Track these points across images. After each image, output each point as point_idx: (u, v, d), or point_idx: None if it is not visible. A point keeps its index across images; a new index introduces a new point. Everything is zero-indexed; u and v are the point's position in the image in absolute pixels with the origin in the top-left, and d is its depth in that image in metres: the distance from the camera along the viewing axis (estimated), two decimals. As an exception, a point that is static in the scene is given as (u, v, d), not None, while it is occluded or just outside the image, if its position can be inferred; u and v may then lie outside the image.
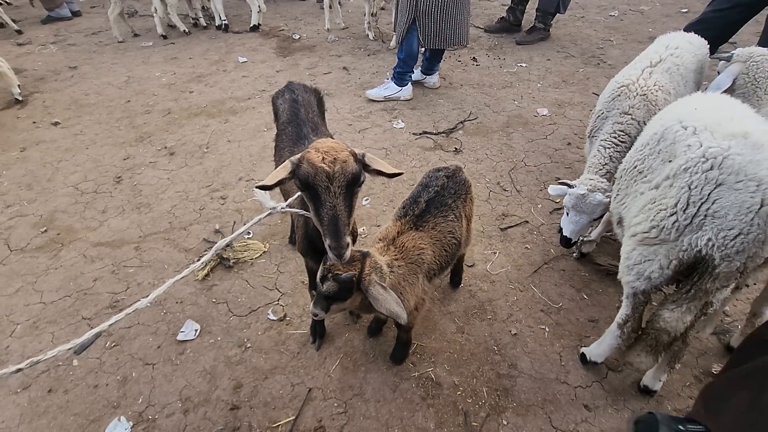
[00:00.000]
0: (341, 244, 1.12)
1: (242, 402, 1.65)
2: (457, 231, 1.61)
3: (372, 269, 1.29)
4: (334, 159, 1.11)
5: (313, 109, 1.85)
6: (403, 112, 3.63)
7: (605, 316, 1.94)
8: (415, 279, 1.47)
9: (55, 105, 3.77)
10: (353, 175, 1.13)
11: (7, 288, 2.11)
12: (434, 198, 1.57)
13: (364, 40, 5.14)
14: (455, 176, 1.66)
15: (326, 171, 1.09)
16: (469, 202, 1.72)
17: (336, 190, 1.11)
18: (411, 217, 1.54)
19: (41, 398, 1.68)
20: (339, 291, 1.23)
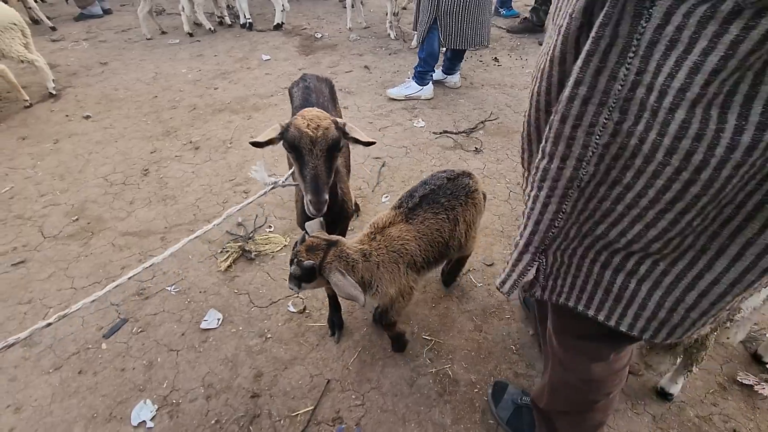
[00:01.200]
0: (320, 199, 1.28)
1: (262, 390, 1.69)
2: (446, 231, 1.61)
3: (335, 258, 1.36)
4: (317, 125, 1.28)
5: (324, 96, 1.94)
6: (424, 111, 3.64)
7: (626, 319, 1.91)
8: (395, 267, 1.52)
9: (87, 99, 3.91)
10: (333, 140, 1.30)
11: (41, 273, 2.20)
12: (428, 195, 1.61)
13: (385, 40, 5.17)
14: (457, 180, 1.67)
15: (310, 135, 1.26)
16: (471, 208, 1.68)
17: (317, 152, 1.28)
18: (404, 209, 1.59)
19: (72, 379, 1.75)
20: (302, 274, 1.33)
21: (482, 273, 2.15)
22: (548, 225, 0.82)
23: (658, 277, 0.77)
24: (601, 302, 0.86)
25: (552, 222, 0.81)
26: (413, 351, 1.81)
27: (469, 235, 1.73)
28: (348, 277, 1.34)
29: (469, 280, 2.12)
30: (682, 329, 0.81)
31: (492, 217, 2.50)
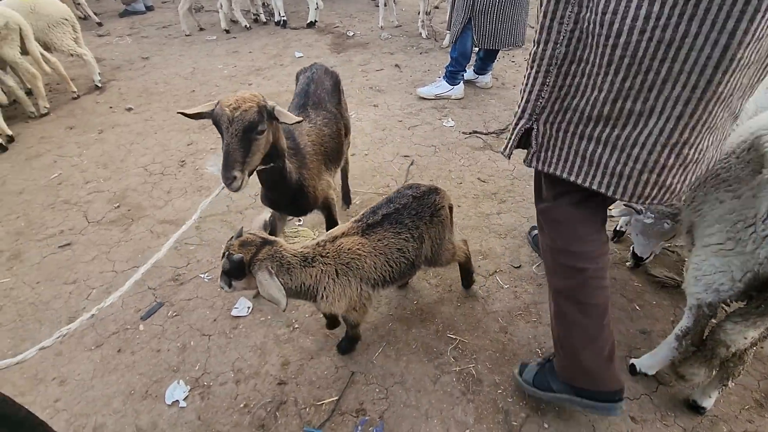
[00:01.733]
0: (228, 174, 1.35)
1: (289, 378, 1.74)
2: (410, 251, 1.59)
3: (267, 256, 1.37)
4: (237, 106, 1.34)
5: (323, 87, 2.01)
6: (454, 111, 3.63)
7: (658, 328, 1.87)
8: (345, 281, 1.49)
9: (129, 92, 4.08)
10: (250, 122, 1.35)
11: (85, 255, 2.33)
12: (391, 214, 1.58)
13: (416, 39, 5.17)
14: (424, 197, 1.64)
15: (228, 114, 1.33)
16: (437, 225, 1.66)
17: (233, 131, 1.34)
18: (362, 223, 1.57)
19: (111, 356, 1.84)
20: (231, 269, 1.34)
21: (509, 275, 2.14)
22: (537, 95, 1.17)
23: (614, 141, 1.09)
24: (579, 168, 1.17)
25: (540, 92, 1.16)
26: (437, 349, 1.82)
27: (441, 248, 1.70)
28: (275, 278, 1.34)
29: (495, 281, 2.11)
30: (633, 182, 1.11)
31: (521, 219, 2.47)
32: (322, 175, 1.89)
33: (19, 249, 2.39)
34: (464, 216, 2.51)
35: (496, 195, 2.67)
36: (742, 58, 0.90)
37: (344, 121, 2.16)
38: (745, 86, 1.02)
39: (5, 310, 2.05)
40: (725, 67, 0.91)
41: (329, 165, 1.98)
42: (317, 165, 1.85)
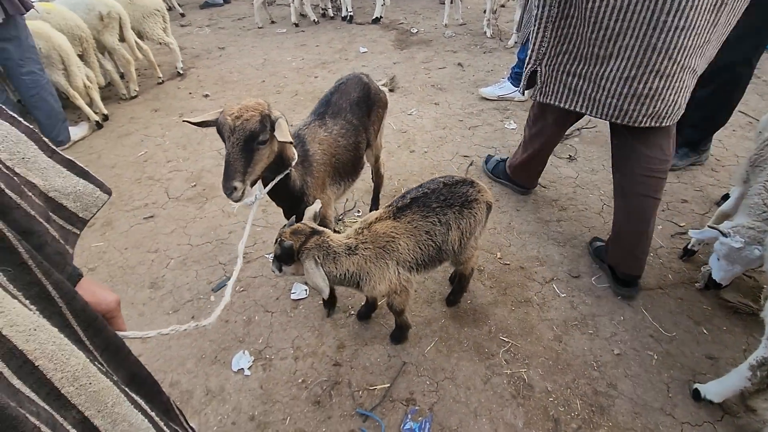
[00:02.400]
0: (227, 185, 1.35)
1: (344, 361, 1.83)
2: (437, 235, 1.61)
3: (315, 245, 1.43)
4: (239, 116, 1.34)
5: (347, 98, 1.98)
6: (517, 113, 3.57)
7: (727, 356, 1.77)
8: (384, 264, 1.55)
9: (206, 80, 4.38)
10: (252, 132, 1.34)
11: (165, 228, 2.56)
12: (419, 198, 1.61)
13: (481, 37, 5.11)
14: (455, 187, 1.64)
15: (229, 124, 1.33)
16: (467, 217, 1.64)
17: (234, 140, 1.34)
18: (393, 207, 1.61)
19: (186, 321, 2.03)
20: (282, 254, 1.41)
21: (567, 284, 2.11)
22: (539, 44, 1.74)
23: (590, 76, 1.66)
24: (568, 98, 1.79)
25: (542, 42, 1.73)
26: (489, 349, 1.84)
27: (464, 244, 1.69)
28: (320, 268, 1.42)
29: (552, 289, 2.09)
30: (602, 105, 1.67)
31: (582, 228, 2.41)
32: (326, 188, 1.86)
33: (110, 217, 2.67)
34: (523, 221, 2.49)
35: (557, 202, 2.62)
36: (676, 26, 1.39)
37: (368, 134, 2.07)
38: (692, 47, 1.46)
39: (98, 270, 2.30)
40: (660, 29, 1.41)
41: (338, 178, 1.93)
42: (323, 176, 1.81)
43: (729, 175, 2.74)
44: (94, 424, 0.59)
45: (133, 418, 0.65)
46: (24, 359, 0.51)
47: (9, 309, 0.52)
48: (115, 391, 0.63)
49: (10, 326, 0.50)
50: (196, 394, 1.73)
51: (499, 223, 2.47)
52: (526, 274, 2.17)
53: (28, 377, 0.52)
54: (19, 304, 0.54)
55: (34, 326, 0.53)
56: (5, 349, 0.50)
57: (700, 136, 2.75)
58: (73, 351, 0.58)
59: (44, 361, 0.54)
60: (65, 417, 0.56)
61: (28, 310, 0.54)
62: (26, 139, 0.70)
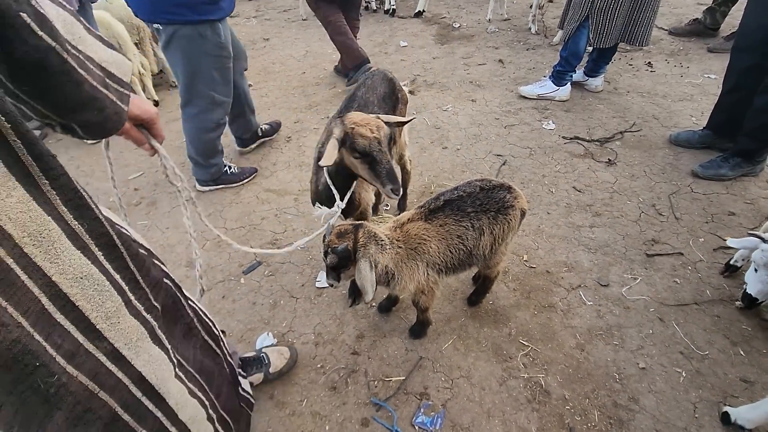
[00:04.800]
0: (399, 184, 1.50)
1: (362, 350, 1.88)
2: (469, 239, 1.59)
3: (367, 238, 1.46)
4: (377, 127, 1.48)
5: (374, 92, 2.00)
6: (556, 113, 3.46)
7: (765, 380, 1.67)
8: (414, 265, 1.56)
9: (250, 69, 4.51)
10: (390, 135, 1.53)
11: (204, 211, 2.68)
12: (453, 201, 1.60)
13: (524, 34, 4.97)
14: (492, 192, 1.61)
15: (377, 138, 1.47)
16: (502, 223, 1.61)
17: (385, 149, 1.48)
18: (425, 209, 1.61)
19: (217, 300, 2.14)
20: (340, 261, 1.43)
21: (594, 292, 2.05)
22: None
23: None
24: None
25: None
26: (507, 352, 1.83)
27: (495, 250, 1.67)
28: (373, 273, 1.45)
29: (578, 296, 2.04)
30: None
31: (616, 236, 2.33)
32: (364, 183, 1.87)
33: (155, 198, 2.84)
34: (553, 224, 2.43)
35: (591, 207, 2.54)
36: None
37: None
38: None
39: (141, 247, 2.46)
40: None
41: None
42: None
43: (785, 189, 2.55)
44: (122, 354, 0.78)
45: (152, 351, 0.85)
46: (66, 300, 0.68)
47: (65, 259, 0.68)
48: (141, 329, 0.82)
49: (60, 274, 0.67)
50: (221, 370, 1.83)
51: (528, 225, 2.42)
52: (552, 279, 2.12)
53: (69, 314, 0.69)
54: (78, 254, 0.70)
55: (81, 275, 0.70)
56: (52, 292, 0.66)
57: (756, 146, 2.57)
58: (111, 295, 0.75)
59: (83, 302, 0.71)
60: (98, 347, 0.73)
61: (84, 260, 0.71)
62: (74, 20, 0.82)
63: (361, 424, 1.62)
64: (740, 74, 2.61)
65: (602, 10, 3.09)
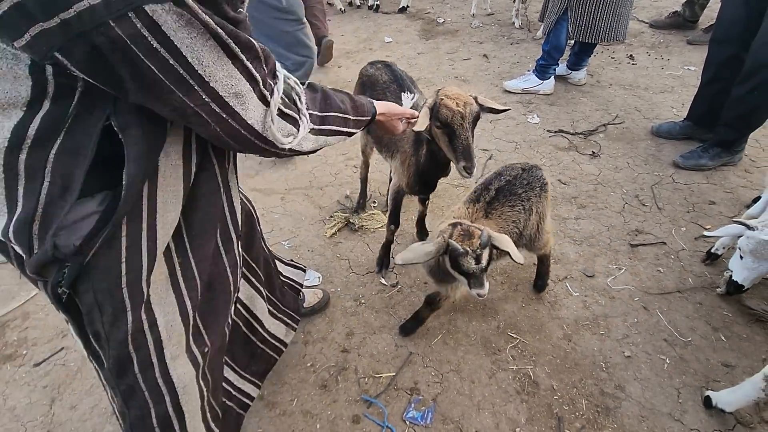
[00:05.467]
0: (474, 163, 1.48)
1: (352, 348, 1.87)
2: (521, 222, 1.63)
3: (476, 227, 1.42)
4: (465, 102, 1.47)
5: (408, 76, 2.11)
6: (540, 107, 3.49)
7: (745, 364, 1.72)
8: None
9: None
10: (476, 114, 1.51)
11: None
12: (504, 187, 1.64)
13: (508, 28, 4.99)
14: (531, 171, 1.71)
15: (461, 112, 1.46)
16: (544, 200, 1.72)
17: (467, 125, 1.47)
18: (483, 203, 1.62)
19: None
20: (490, 253, 1.38)
21: (580, 283, 2.08)
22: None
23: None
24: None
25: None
26: (496, 345, 1.85)
27: (540, 228, 1.72)
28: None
29: (564, 287, 2.06)
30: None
31: (600, 227, 2.36)
32: None
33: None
34: (539, 217, 2.45)
35: (576, 199, 2.57)
36: None
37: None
38: None
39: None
40: None
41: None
42: None
43: (763, 177, 2.61)
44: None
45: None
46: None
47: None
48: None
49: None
50: (210, 372, 1.81)
51: (514, 218, 2.44)
52: (538, 272, 2.15)
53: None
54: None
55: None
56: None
57: (734, 136, 2.63)
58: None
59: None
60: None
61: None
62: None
63: (352, 421, 1.62)
64: (719, 66, 2.66)
65: (580, 2, 3.11)
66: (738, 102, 2.50)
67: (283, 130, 0.84)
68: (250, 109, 0.75)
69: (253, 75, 0.73)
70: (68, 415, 1.68)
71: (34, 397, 1.74)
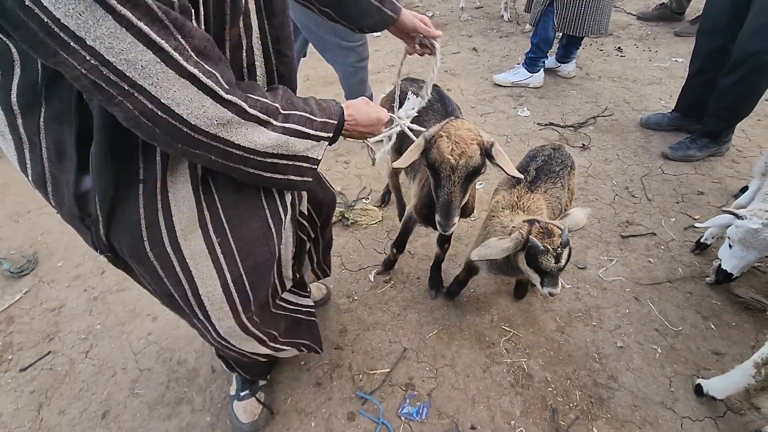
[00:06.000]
0: (449, 223, 1.27)
1: (345, 345, 1.86)
2: (563, 198, 1.67)
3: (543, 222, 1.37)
4: (462, 152, 1.20)
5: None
6: (530, 100, 3.49)
7: (734, 352, 1.74)
8: None
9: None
10: (475, 168, 1.23)
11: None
12: (543, 166, 1.67)
13: (497, 21, 4.98)
14: (561, 150, 1.76)
15: (451, 163, 1.20)
16: (573, 176, 1.79)
17: (456, 179, 1.22)
18: (525, 183, 1.63)
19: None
20: (569, 252, 1.31)
21: (572, 275, 2.09)
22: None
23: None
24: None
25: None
26: (490, 338, 1.85)
27: (570, 204, 1.79)
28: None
29: (557, 280, 2.07)
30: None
31: (592, 219, 2.37)
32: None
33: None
34: (531, 210, 2.46)
35: (567, 192, 2.58)
36: None
37: None
38: None
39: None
40: None
41: None
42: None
43: (750, 167, 2.64)
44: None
45: None
46: None
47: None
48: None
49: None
50: (202, 372, 1.79)
51: (506, 212, 2.44)
52: (531, 265, 2.15)
53: None
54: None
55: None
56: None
57: (722, 126, 2.65)
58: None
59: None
60: None
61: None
62: None
63: (347, 418, 1.61)
64: (706, 57, 2.68)
65: None
66: (725, 92, 2.52)
67: (221, 116, 0.74)
68: (164, 86, 0.66)
69: (154, 42, 0.62)
70: (57, 420, 1.65)
71: (21, 402, 1.71)
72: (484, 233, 1.64)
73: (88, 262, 2.30)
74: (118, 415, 1.66)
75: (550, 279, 1.32)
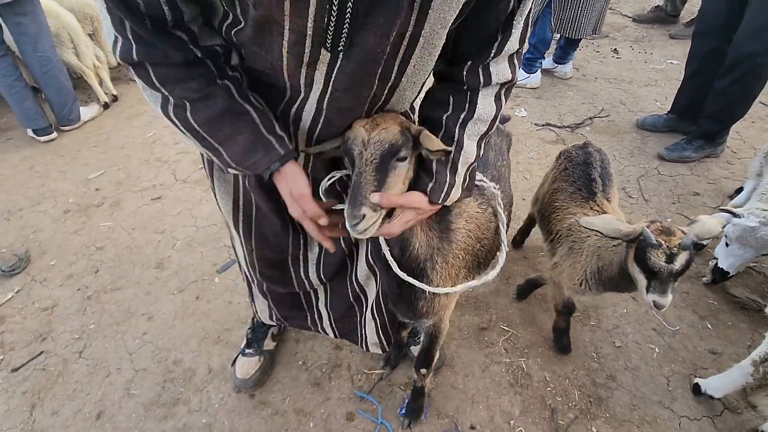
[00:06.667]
0: (355, 213, 0.93)
1: (344, 345, 1.85)
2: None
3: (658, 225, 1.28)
4: (376, 125, 0.98)
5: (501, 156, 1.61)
6: (528, 101, 3.50)
7: (731, 351, 1.75)
8: None
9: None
10: (391, 145, 0.97)
11: (172, 209, 2.58)
12: (603, 172, 1.65)
13: (494, 22, 4.99)
14: (601, 151, 1.75)
15: (362, 136, 0.97)
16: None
17: (368, 156, 0.96)
18: (600, 194, 1.60)
19: (190, 302, 2.06)
20: (689, 261, 1.17)
21: (570, 275, 2.09)
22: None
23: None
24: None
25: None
26: (489, 338, 1.84)
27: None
28: None
29: (555, 279, 2.07)
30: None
31: (589, 219, 2.38)
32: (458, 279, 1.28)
33: (119, 198, 2.69)
34: (527, 210, 2.45)
35: (564, 192, 2.58)
36: None
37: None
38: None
39: (107, 249, 2.34)
40: None
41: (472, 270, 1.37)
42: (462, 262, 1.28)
43: (745, 168, 2.67)
44: None
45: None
46: None
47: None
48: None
49: None
50: (198, 372, 1.76)
51: (504, 212, 2.44)
52: (529, 264, 2.15)
53: None
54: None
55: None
56: None
57: (717, 128, 2.68)
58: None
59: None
60: None
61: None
62: None
63: (346, 418, 1.60)
64: (701, 59, 2.70)
65: None
66: (720, 94, 2.54)
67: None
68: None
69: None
70: (50, 421, 1.62)
71: (12, 403, 1.67)
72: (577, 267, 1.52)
73: (81, 260, 2.27)
74: (112, 415, 1.63)
75: (657, 284, 1.18)
